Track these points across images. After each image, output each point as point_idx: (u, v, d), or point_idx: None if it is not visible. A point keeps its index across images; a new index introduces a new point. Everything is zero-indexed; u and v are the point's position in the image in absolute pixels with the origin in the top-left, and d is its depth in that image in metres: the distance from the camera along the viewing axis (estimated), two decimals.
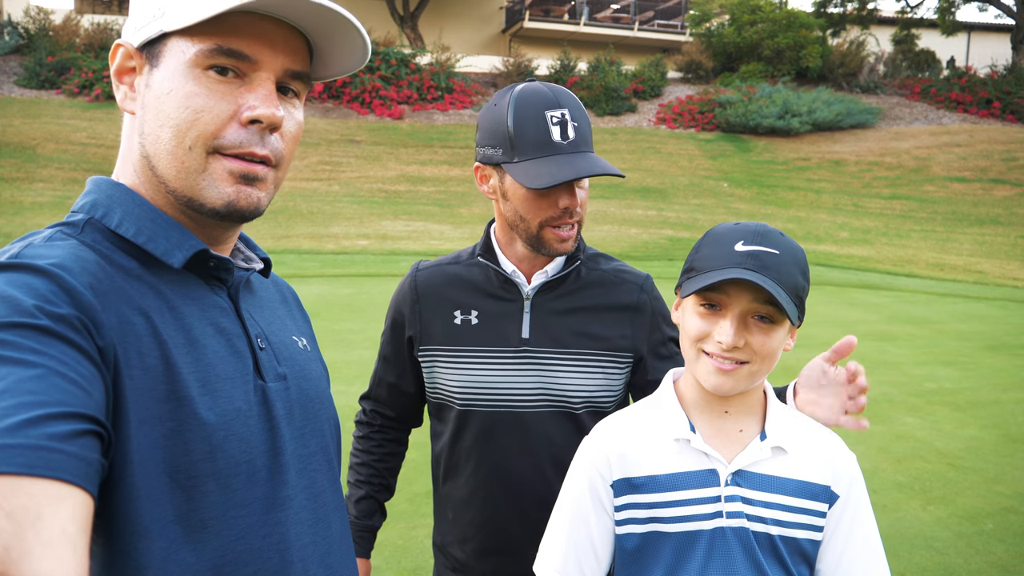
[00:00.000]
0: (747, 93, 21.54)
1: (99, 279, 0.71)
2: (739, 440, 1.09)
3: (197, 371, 0.75)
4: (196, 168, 0.77)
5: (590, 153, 1.27)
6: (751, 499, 1.06)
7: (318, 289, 9.42)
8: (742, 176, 19.10)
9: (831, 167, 19.97)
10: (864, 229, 16.26)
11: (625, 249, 13.21)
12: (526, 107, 1.26)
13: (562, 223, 1.29)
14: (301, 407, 0.87)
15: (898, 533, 3.57)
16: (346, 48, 0.84)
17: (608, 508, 1.10)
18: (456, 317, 1.37)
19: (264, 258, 0.95)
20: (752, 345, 1.03)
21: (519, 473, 1.34)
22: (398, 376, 1.47)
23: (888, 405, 5.64)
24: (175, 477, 0.71)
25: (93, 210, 0.79)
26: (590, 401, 1.35)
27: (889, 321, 8.98)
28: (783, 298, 0.99)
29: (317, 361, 0.97)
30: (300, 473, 0.83)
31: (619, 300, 1.39)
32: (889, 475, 4.30)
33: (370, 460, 1.51)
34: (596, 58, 22.29)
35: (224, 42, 0.76)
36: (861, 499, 1.10)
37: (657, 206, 16.64)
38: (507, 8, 28.00)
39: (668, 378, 1.18)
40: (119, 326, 0.70)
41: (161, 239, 0.78)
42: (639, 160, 19.37)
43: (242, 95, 0.77)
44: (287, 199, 15.34)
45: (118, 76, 0.81)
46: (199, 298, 0.80)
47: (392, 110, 19.96)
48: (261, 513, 0.78)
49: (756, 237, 1.03)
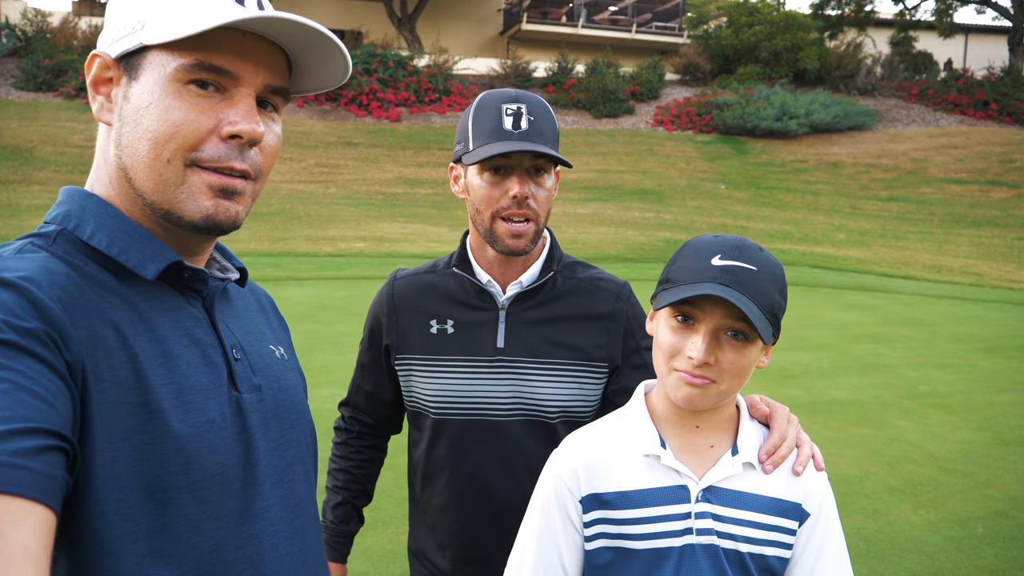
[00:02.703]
0: (744, 95, 21.57)
1: (68, 292, 0.71)
2: (710, 456, 1.08)
3: (170, 383, 0.74)
4: (174, 181, 0.77)
5: (540, 143, 1.28)
6: (721, 516, 1.05)
7: (314, 292, 9.41)
8: (739, 178, 19.12)
9: (828, 169, 19.99)
10: (861, 231, 16.27)
11: (622, 251, 13.21)
12: (486, 102, 1.32)
13: (512, 214, 1.29)
14: (276, 418, 0.86)
15: (888, 537, 3.57)
16: (327, 64, 0.85)
17: (577, 524, 1.09)
18: (432, 326, 1.38)
19: (240, 267, 0.94)
20: (722, 363, 1.01)
21: (494, 482, 1.34)
22: (375, 384, 1.48)
23: (881, 408, 5.63)
24: (149, 491, 0.70)
25: (65, 221, 0.79)
26: (565, 411, 1.35)
27: (884, 323, 8.97)
28: (756, 316, 0.97)
29: (294, 370, 0.96)
30: (276, 484, 0.83)
31: (594, 309, 1.38)
32: (880, 479, 4.29)
33: (348, 466, 1.52)
34: (594, 60, 22.31)
35: (206, 57, 0.76)
36: (831, 518, 1.09)
37: (654, 208, 16.65)
38: (505, 10, 28.03)
39: (640, 391, 1.16)
40: (88, 340, 0.69)
41: (134, 251, 0.78)
42: (636, 162, 19.39)
43: (223, 110, 0.77)
44: (284, 201, 15.34)
45: (94, 87, 0.81)
46: (173, 309, 0.80)
47: (390, 112, 19.97)
48: (235, 525, 0.77)
49: (734, 251, 1.02)
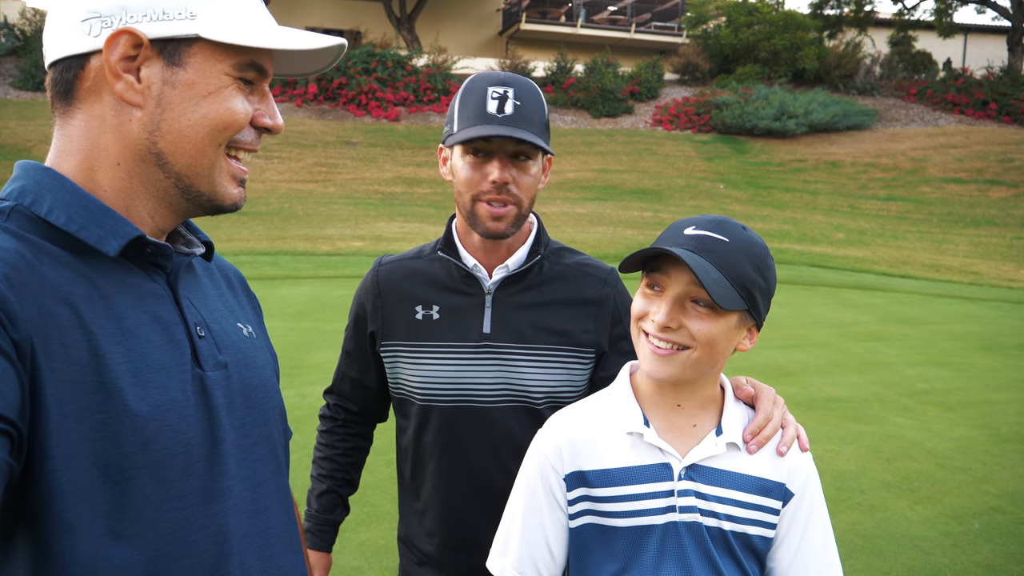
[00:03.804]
0: (743, 95, 21.57)
1: (17, 269, 0.69)
2: (693, 435, 1.08)
3: (128, 361, 0.73)
4: (213, 164, 0.83)
5: (525, 131, 1.26)
6: (704, 494, 1.05)
7: (312, 290, 9.41)
8: (738, 178, 19.11)
9: (827, 168, 19.98)
10: (860, 230, 16.27)
11: (620, 251, 13.21)
12: (474, 84, 1.31)
13: (491, 198, 1.28)
14: (243, 396, 0.85)
15: (885, 533, 3.56)
16: (318, 57, 0.91)
17: (561, 502, 1.09)
18: (417, 312, 1.37)
19: (206, 241, 0.93)
20: (689, 329, 1.01)
21: (481, 467, 1.34)
22: (361, 371, 1.47)
23: (879, 405, 5.63)
24: (105, 471, 0.69)
25: (21, 197, 0.77)
26: (552, 396, 1.34)
27: (883, 322, 8.97)
28: (711, 280, 0.96)
29: (263, 349, 0.95)
30: (240, 463, 0.82)
31: (581, 294, 1.37)
32: (877, 475, 4.28)
33: (333, 455, 1.51)
34: (593, 60, 22.32)
35: (257, 58, 0.84)
36: (816, 498, 1.08)
37: (653, 207, 16.64)
38: (504, 10, 28.04)
39: (625, 370, 1.16)
40: (39, 317, 0.68)
41: (94, 227, 0.76)
42: (635, 162, 19.38)
43: (254, 102, 0.86)
44: (283, 200, 15.32)
45: (121, 64, 0.77)
46: (134, 286, 0.79)
47: (388, 112, 19.96)
48: (198, 504, 0.76)
49: (710, 224, 1.02)
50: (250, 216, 14.30)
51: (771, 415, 1.10)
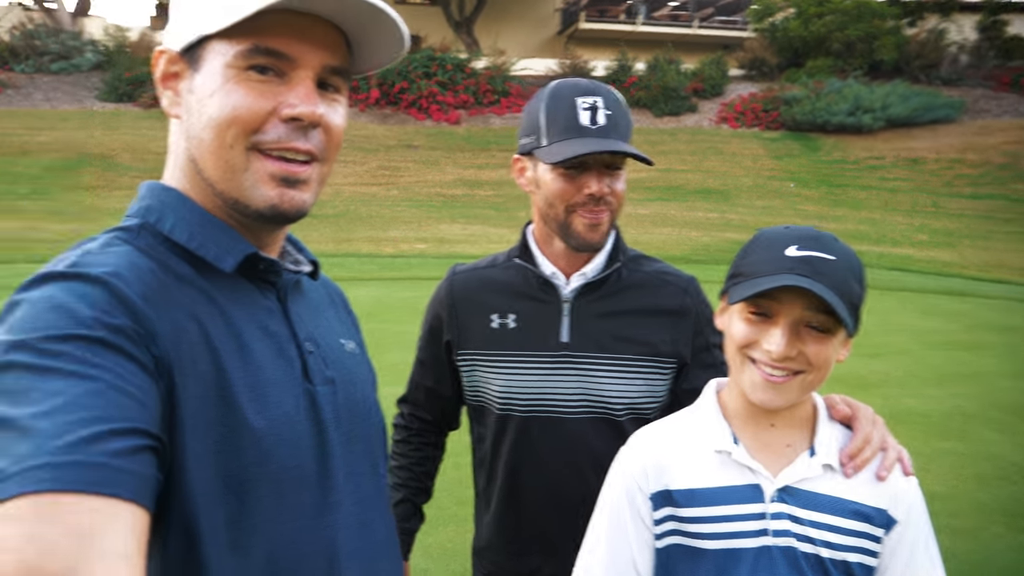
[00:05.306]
0: (815, 89, 20.78)
1: (153, 288, 0.72)
2: (786, 455, 1.03)
3: (247, 376, 0.75)
4: (239, 166, 0.78)
5: (620, 140, 1.25)
6: (799, 518, 1.00)
7: (376, 292, 9.54)
8: (809, 176, 18.41)
9: (908, 165, 19.02)
10: (945, 231, 15.40)
11: (686, 252, 12.89)
12: (560, 95, 1.28)
13: (590, 210, 1.26)
14: (348, 411, 0.87)
15: (984, 560, 3.29)
16: (383, 39, 0.83)
17: (647, 521, 1.06)
18: (493, 320, 1.36)
19: (312, 260, 0.94)
20: (807, 354, 0.97)
21: (560, 479, 1.32)
22: (436, 380, 1.47)
23: (964, 420, 5.25)
24: (227, 482, 0.71)
25: (147, 215, 0.80)
26: (632, 408, 1.32)
27: (971, 330, 8.41)
28: (840, 307, 0.93)
29: (365, 365, 0.97)
30: (347, 478, 0.84)
31: (662, 303, 1.35)
32: (969, 496, 3.97)
33: (408, 464, 1.51)
34: (654, 57, 21.92)
35: (261, 41, 0.76)
36: (922, 525, 1.03)
37: (719, 208, 16.20)
38: (563, 10, 27.90)
39: (710, 387, 1.12)
40: (173, 334, 0.70)
41: (211, 244, 0.79)
42: (700, 161, 18.93)
43: (282, 93, 0.78)
44: (347, 203, 15.66)
45: (163, 82, 0.82)
46: (249, 302, 0.81)
47: (449, 115, 20.14)
48: (311, 518, 0.78)
49: (809, 241, 0.97)
50: (316, 219, 14.66)
51: (870, 436, 1.04)
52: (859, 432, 1.05)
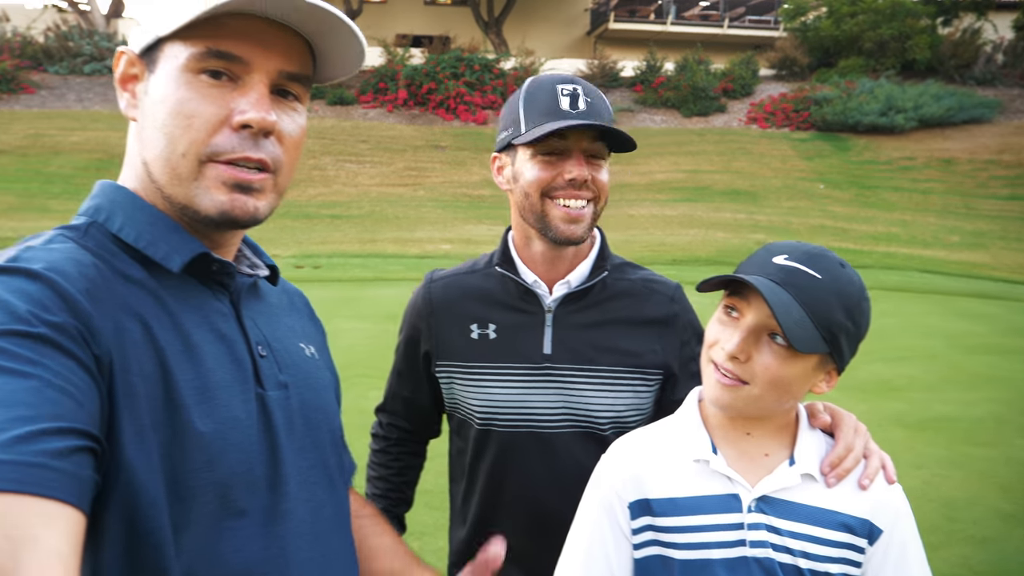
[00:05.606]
0: (846, 89, 20.44)
1: (96, 284, 0.70)
2: (764, 464, 1.02)
3: (195, 378, 0.73)
4: (189, 175, 0.76)
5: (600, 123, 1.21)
6: (778, 528, 0.99)
7: (402, 292, 9.59)
8: (840, 177, 18.13)
9: (940, 166, 18.62)
10: (978, 232, 15.05)
11: (712, 254, 12.81)
12: (539, 84, 1.25)
13: (569, 194, 1.20)
14: (303, 417, 0.84)
15: (1001, 570, 3.25)
16: (343, 48, 0.81)
17: (626, 531, 1.05)
18: (472, 331, 1.30)
19: (270, 265, 0.93)
20: (754, 364, 0.94)
21: (544, 496, 1.28)
22: (413, 390, 1.42)
23: (996, 425, 5.16)
24: (172, 487, 0.69)
25: (96, 214, 0.79)
26: (618, 421, 1.28)
27: (1003, 333, 8.24)
28: (792, 319, 0.90)
29: (325, 369, 0.95)
30: (301, 485, 0.81)
31: (648, 313, 1.30)
32: (992, 503, 3.92)
33: (387, 474, 1.48)
34: (683, 57, 21.77)
35: (214, 44, 0.74)
36: (909, 536, 1.00)
37: (747, 209, 16.04)
38: (592, 10, 27.83)
39: (692, 395, 1.11)
40: (115, 332, 0.68)
41: (161, 243, 0.77)
42: (728, 162, 18.75)
43: (234, 99, 0.76)
44: (374, 204, 15.82)
45: (122, 83, 0.81)
46: (199, 303, 0.79)
47: (476, 115, 20.22)
48: (260, 525, 0.75)
49: (803, 256, 0.95)
50: (343, 219, 14.85)
51: (852, 445, 1.02)
52: (841, 441, 1.03)
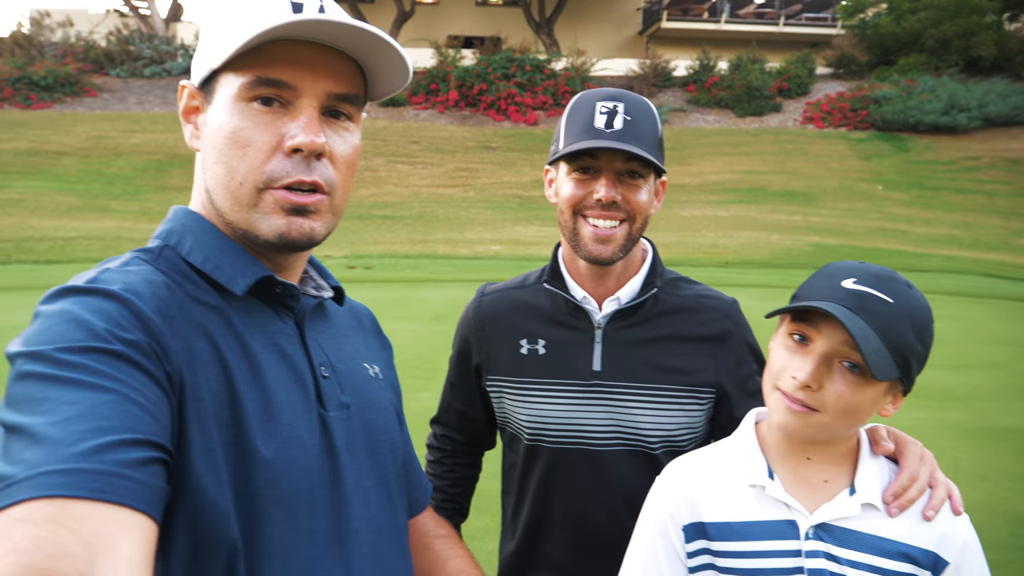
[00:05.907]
0: (906, 87, 19.90)
1: (168, 304, 0.73)
2: (823, 491, 1.00)
3: (260, 398, 0.76)
4: (248, 203, 0.79)
5: (632, 144, 1.19)
6: (837, 557, 0.96)
7: (452, 293, 9.76)
8: (899, 178, 17.62)
9: (1006, 166, 17.91)
10: None
11: (766, 256, 12.64)
12: (582, 101, 1.25)
13: (598, 215, 1.20)
14: (364, 437, 0.86)
15: None
16: (390, 65, 0.83)
17: (680, 553, 1.04)
18: (522, 346, 1.30)
19: (335, 286, 0.95)
20: (826, 393, 0.93)
21: (591, 514, 1.27)
22: (466, 403, 1.43)
23: None
24: (239, 502, 0.72)
25: (168, 238, 0.83)
26: (668, 440, 1.26)
27: None
28: (870, 347, 0.89)
29: (388, 389, 0.96)
30: (363, 506, 0.83)
31: (701, 330, 1.28)
32: None
33: (442, 485, 1.47)
34: (737, 56, 21.47)
35: (262, 72, 0.77)
36: (978, 568, 0.97)
37: (803, 211, 15.75)
38: (644, 9, 27.63)
39: (750, 418, 1.09)
40: (186, 351, 0.72)
41: (226, 267, 0.80)
42: (783, 162, 18.42)
43: (285, 124, 0.78)
44: (425, 205, 16.08)
45: (185, 116, 0.85)
46: (264, 325, 0.81)
47: (527, 116, 20.32)
48: (325, 546, 0.77)
49: (872, 279, 0.93)
50: (394, 220, 15.14)
51: (916, 474, 0.99)
52: (905, 469, 0.99)
